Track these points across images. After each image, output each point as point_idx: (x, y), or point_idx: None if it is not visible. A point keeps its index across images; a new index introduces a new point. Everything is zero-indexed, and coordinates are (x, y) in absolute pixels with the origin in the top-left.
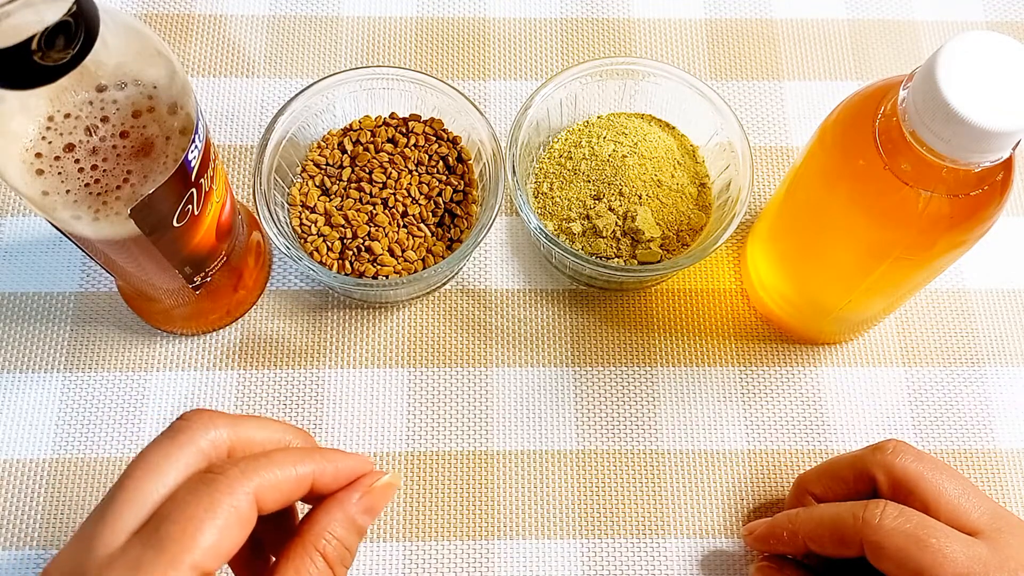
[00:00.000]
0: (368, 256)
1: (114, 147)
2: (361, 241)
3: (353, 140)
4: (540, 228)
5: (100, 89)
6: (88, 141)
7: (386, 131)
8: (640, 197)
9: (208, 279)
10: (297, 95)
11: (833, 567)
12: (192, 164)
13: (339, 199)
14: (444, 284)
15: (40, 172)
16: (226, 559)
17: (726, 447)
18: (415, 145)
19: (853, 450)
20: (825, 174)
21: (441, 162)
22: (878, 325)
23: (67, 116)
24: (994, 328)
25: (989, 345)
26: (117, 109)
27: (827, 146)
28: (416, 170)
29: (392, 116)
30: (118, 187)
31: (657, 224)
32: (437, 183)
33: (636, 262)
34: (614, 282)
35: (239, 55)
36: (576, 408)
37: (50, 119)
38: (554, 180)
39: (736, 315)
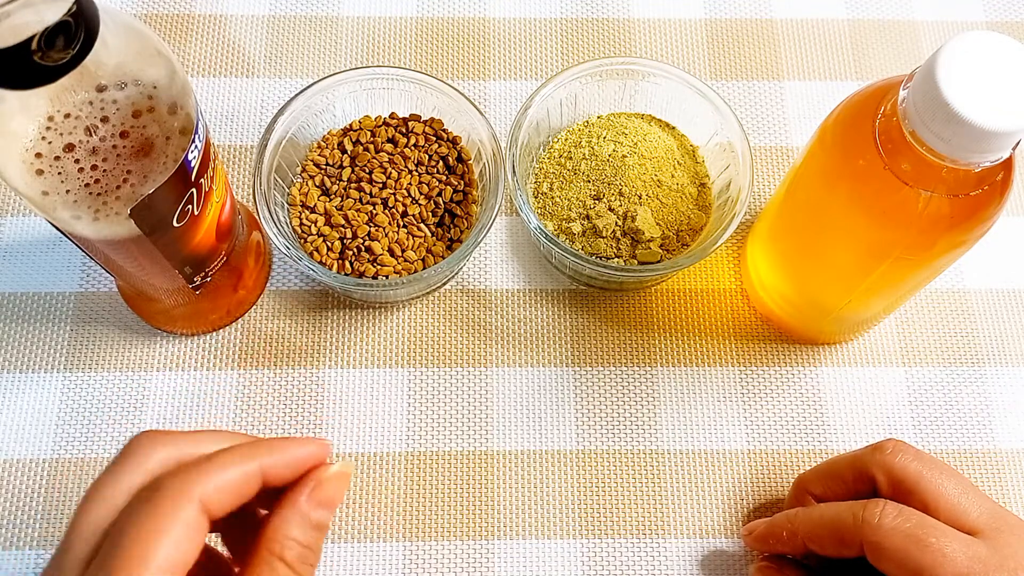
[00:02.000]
0: (368, 256)
1: (114, 147)
2: (361, 241)
3: (353, 140)
4: (540, 228)
5: (100, 89)
6: (88, 141)
7: (386, 131)
8: (640, 197)
9: (208, 279)
10: (297, 95)
11: (833, 567)
12: (192, 164)
13: (339, 199)
14: (444, 284)
15: (40, 172)
16: (181, 573)
17: (726, 447)
18: (415, 145)
19: (853, 450)
20: (825, 174)
21: (441, 162)
22: (878, 325)
23: (67, 116)
24: (994, 328)
25: (989, 345)
26: (117, 109)
27: (827, 146)
28: (416, 170)
29: (392, 116)
30: (118, 187)
31: (657, 224)
32: (437, 183)
33: (636, 262)
34: (614, 282)
35: (239, 55)
36: (576, 408)
37: (50, 119)
38: (554, 180)
39: (736, 315)
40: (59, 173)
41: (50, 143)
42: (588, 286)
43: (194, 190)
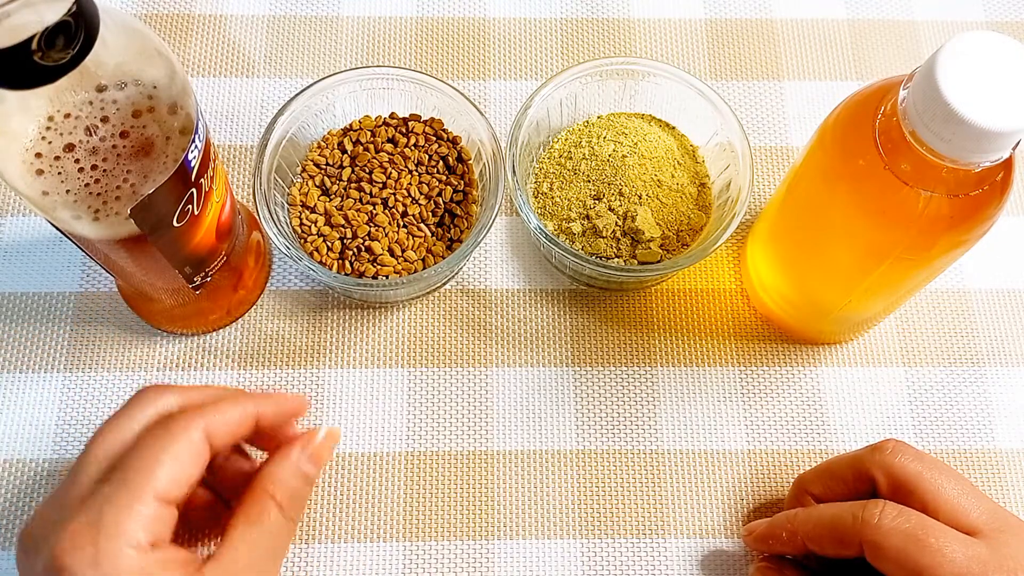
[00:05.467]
0: (368, 256)
1: (114, 147)
2: (361, 241)
3: (353, 140)
4: (540, 228)
5: (100, 89)
6: (88, 141)
7: (386, 131)
8: (640, 197)
9: (208, 279)
10: (297, 95)
11: (833, 567)
12: (192, 164)
13: (339, 199)
14: (444, 284)
15: (40, 172)
16: (186, 489)
17: (726, 447)
18: (415, 145)
19: (853, 450)
20: (825, 174)
21: (441, 162)
22: (878, 325)
23: (67, 116)
24: (994, 328)
25: (989, 345)
26: (117, 109)
27: (827, 146)
28: (416, 170)
29: (392, 116)
30: (118, 187)
31: (657, 224)
32: (437, 183)
33: (636, 262)
34: (614, 282)
35: (239, 55)
36: (576, 408)
37: (50, 119)
38: (554, 180)
39: (736, 315)
40: (59, 173)
41: (50, 143)
42: (588, 286)
43: (194, 190)
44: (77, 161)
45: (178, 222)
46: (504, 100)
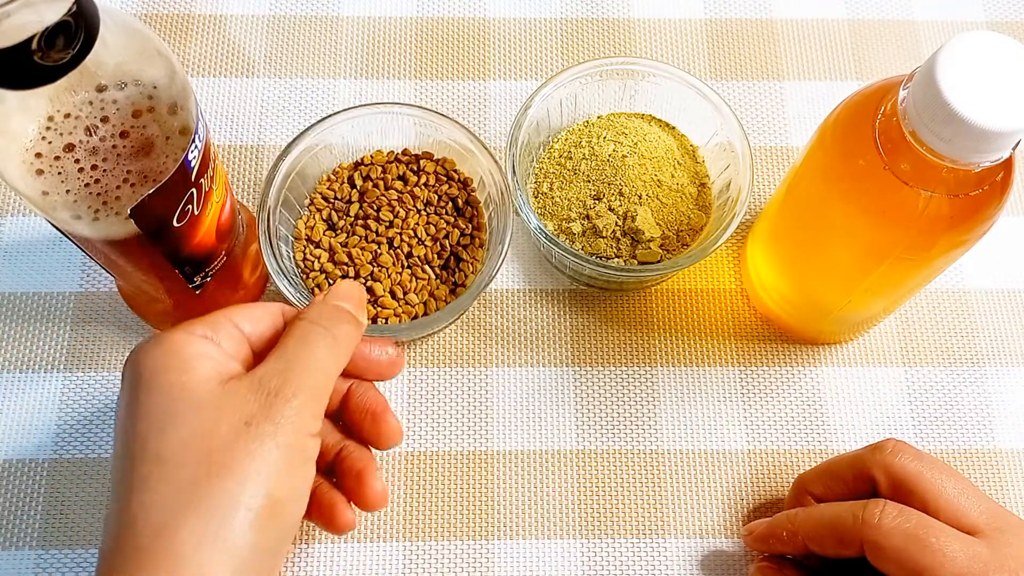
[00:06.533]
0: (369, 297)
1: (114, 147)
2: (363, 281)
3: (363, 175)
4: (540, 228)
5: (100, 89)
6: (88, 141)
7: (397, 167)
8: (640, 197)
9: (208, 279)
10: (305, 131)
11: (833, 567)
12: (192, 164)
13: (345, 235)
14: (445, 328)
15: (40, 172)
16: (264, 333)
17: (726, 447)
18: (425, 184)
19: (853, 450)
20: (825, 174)
21: (450, 203)
22: (878, 325)
23: (67, 116)
24: (994, 328)
25: (989, 345)
26: (117, 109)
27: (827, 146)
28: (425, 210)
29: (404, 152)
30: (118, 187)
31: (657, 224)
32: (445, 224)
33: (636, 262)
34: (614, 282)
35: (239, 55)
36: (576, 408)
37: (50, 119)
38: (554, 180)
39: (736, 315)
40: (59, 173)
41: (50, 143)
42: (588, 286)
43: (194, 190)
44: (77, 161)
45: (178, 222)
46: (504, 100)
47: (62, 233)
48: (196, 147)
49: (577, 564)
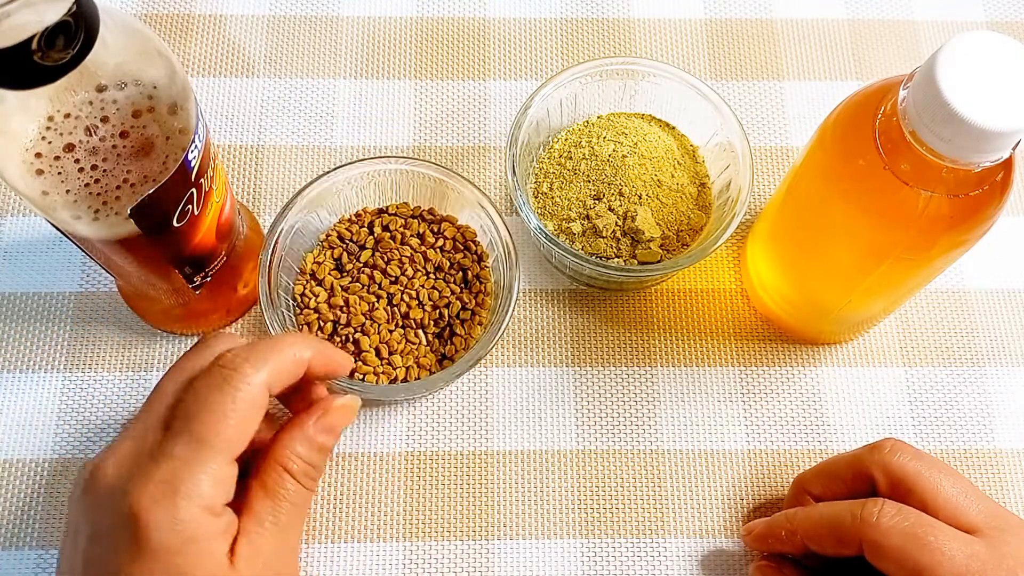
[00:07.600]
0: (352, 348)
1: (114, 147)
2: (352, 331)
3: (383, 224)
4: (540, 228)
5: (100, 89)
6: (88, 141)
7: (418, 224)
8: (640, 197)
9: (208, 279)
10: (318, 178)
11: (832, 566)
12: (192, 164)
13: (349, 279)
14: (422, 398)
15: (40, 172)
16: (248, 442)
17: (726, 447)
18: (441, 248)
19: (852, 449)
20: (825, 174)
21: (460, 273)
22: (878, 325)
23: (67, 116)
24: (994, 328)
25: (989, 345)
26: (117, 109)
27: (827, 146)
28: (434, 274)
29: (431, 211)
30: (118, 187)
31: (657, 224)
32: (449, 293)
33: (636, 262)
34: (614, 282)
35: (239, 55)
36: (576, 408)
37: (50, 119)
38: (554, 180)
39: (736, 315)
40: (59, 173)
41: (50, 143)
42: (588, 286)
43: (194, 190)
44: (77, 161)
45: (178, 222)
46: (504, 100)
47: (62, 233)
48: (196, 147)
49: (577, 564)
